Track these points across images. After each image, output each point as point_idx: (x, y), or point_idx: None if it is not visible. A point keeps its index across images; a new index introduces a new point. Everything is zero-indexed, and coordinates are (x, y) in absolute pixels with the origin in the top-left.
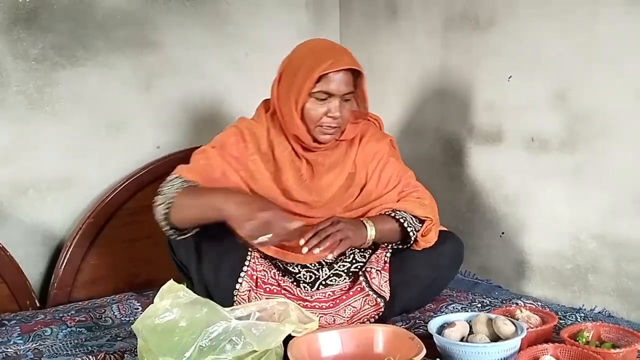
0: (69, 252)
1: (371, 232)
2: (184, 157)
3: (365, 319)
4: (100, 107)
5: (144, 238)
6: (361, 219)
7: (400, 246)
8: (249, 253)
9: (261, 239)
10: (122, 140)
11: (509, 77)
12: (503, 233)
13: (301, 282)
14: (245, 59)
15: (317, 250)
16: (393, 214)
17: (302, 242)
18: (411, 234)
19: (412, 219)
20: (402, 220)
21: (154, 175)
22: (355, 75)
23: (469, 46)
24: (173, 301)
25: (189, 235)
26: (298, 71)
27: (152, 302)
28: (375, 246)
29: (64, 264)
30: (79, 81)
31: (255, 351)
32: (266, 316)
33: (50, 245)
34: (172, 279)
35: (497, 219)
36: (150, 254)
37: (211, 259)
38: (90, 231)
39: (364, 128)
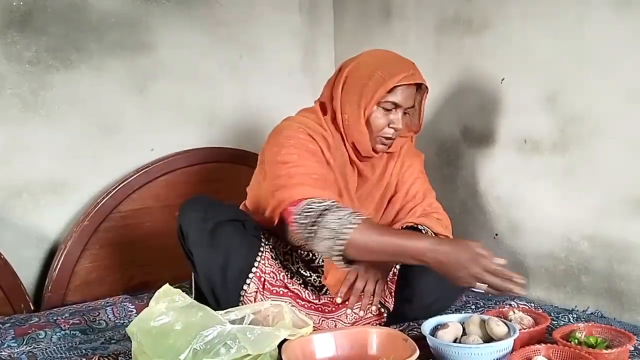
0: (63, 255)
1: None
2: (177, 159)
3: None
4: (94, 109)
5: (138, 241)
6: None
7: None
8: (259, 254)
9: (480, 286)
10: (116, 143)
11: (502, 80)
12: (496, 235)
13: (309, 285)
14: (239, 61)
15: (360, 312)
16: (416, 227)
17: (339, 300)
18: None
19: (432, 234)
20: (424, 232)
21: (148, 177)
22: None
23: (461, 49)
24: (169, 305)
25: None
26: (369, 80)
27: (147, 305)
28: None
29: (58, 267)
30: (73, 84)
31: (249, 355)
32: (260, 318)
33: (45, 248)
34: (167, 283)
35: (491, 221)
36: (145, 257)
37: (220, 256)
38: (85, 234)
39: (401, 140)
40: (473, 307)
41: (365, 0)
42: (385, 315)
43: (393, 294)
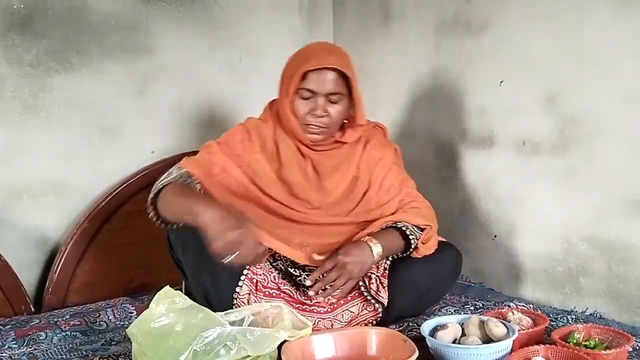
0: (64, 257)
1: (377, 251)
2: (178, 161)
3: (363, 324)
4: (94, 112)
5: (139, 243)
6: (365, 238)
7: (401, 254)
8: None
9: (229, 257)
10: (117, 145)
11: (501, 82)
12: (495, 236)
13: (301, 286)
14: (239, 63)
15: (320, 298)
16: (394, 225)
17: (308, 282)
18: (412, 241)
19: (413, 227)
20: (404, 229)
21: (148, 180)
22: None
23: (461, 50)
24: (169, 306)
25: (169, 227)
26: (289, 69)
27: (147, 307)
28: None
29: (59, 268)
30: (73, 86)
31: (249, 356)
32: (260, 320)
33: (45, 250)
34: (167, 285)
35: (490, 222)
36: (145, 259)
37: (210, 263)
38: (85, 236)
39: (370, 134)
40: (472, 308)
41: (365, 2)
42: (380, 310)
43: (386, 287)
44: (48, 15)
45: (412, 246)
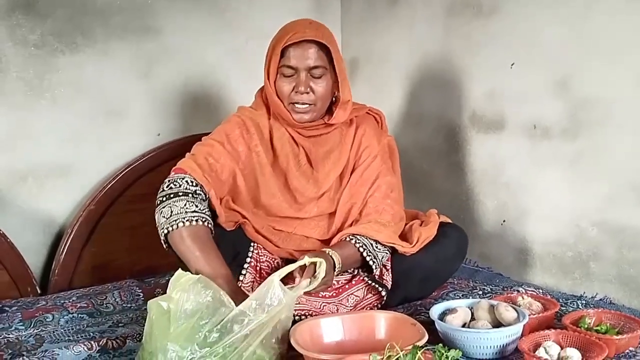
0: (70, 239)
1: (338, 266)
2: (183, 144)
3: (368, 308)
4: (99, 94)
5: (145, 225)
6: (326, 249)
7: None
8: (252, 243)
9: None
10: (122, 128)
11: (511, 65)
12: (504, 221)
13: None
14: (245, 46)
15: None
16: (353, 241)
17: (297, 280)
18: (371, 262)
19: (372, 246)
20: (361, 250)
21: (154, 162)
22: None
23: (470, 33)
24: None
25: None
26: (269, 49)
27: (154, 289)
28: None
29: (65, 251)
30: (78, 68)
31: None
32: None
33: (51, 232)
34: (177, 269)
35: (498, 207)
36: (151, 241)
37: None
38: (91, 218)
39: (364, 121)
40: (480, 292)
41: None
42: (384, 294)
43: (390, 271)
44: None
45: (374, 270)
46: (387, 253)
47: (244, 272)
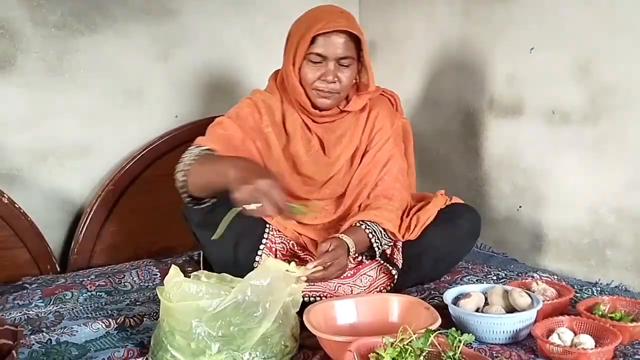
0: (89, 219)
1: (352, 251)
2: (201, 126)
3: (382, 288)
4: (118, 74)
5: (162, 206)
6: (339, 235)
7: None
8: (267, 225)
9: (252, 206)
10: (141, 109)
11: (531, 49)
12: (520, 207)
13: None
14: (264, 28)
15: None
16: (363, 226)
17: (310, 266)
18: (376, 248)
19: (380, 233)
20: (370, 236)
21: (172, 144)
22: (359, 42)
23: (490, 16)
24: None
25: (205, 205)
26: (296, 34)
27: (170, 269)
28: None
29: (84, 230)
30: (98, 48)
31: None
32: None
33: (70, 211)
34: (187, 251)
35: (515, 193)
36: (168, 222)
37: (229, 238)
38: (110, 199)
39: (377, 103)
40: (494, 277)
41: None
42: (395, 275)
43: (400, 249)
44: None
45: (377, 253)
46: (390, 241)
47: (260, 252)
